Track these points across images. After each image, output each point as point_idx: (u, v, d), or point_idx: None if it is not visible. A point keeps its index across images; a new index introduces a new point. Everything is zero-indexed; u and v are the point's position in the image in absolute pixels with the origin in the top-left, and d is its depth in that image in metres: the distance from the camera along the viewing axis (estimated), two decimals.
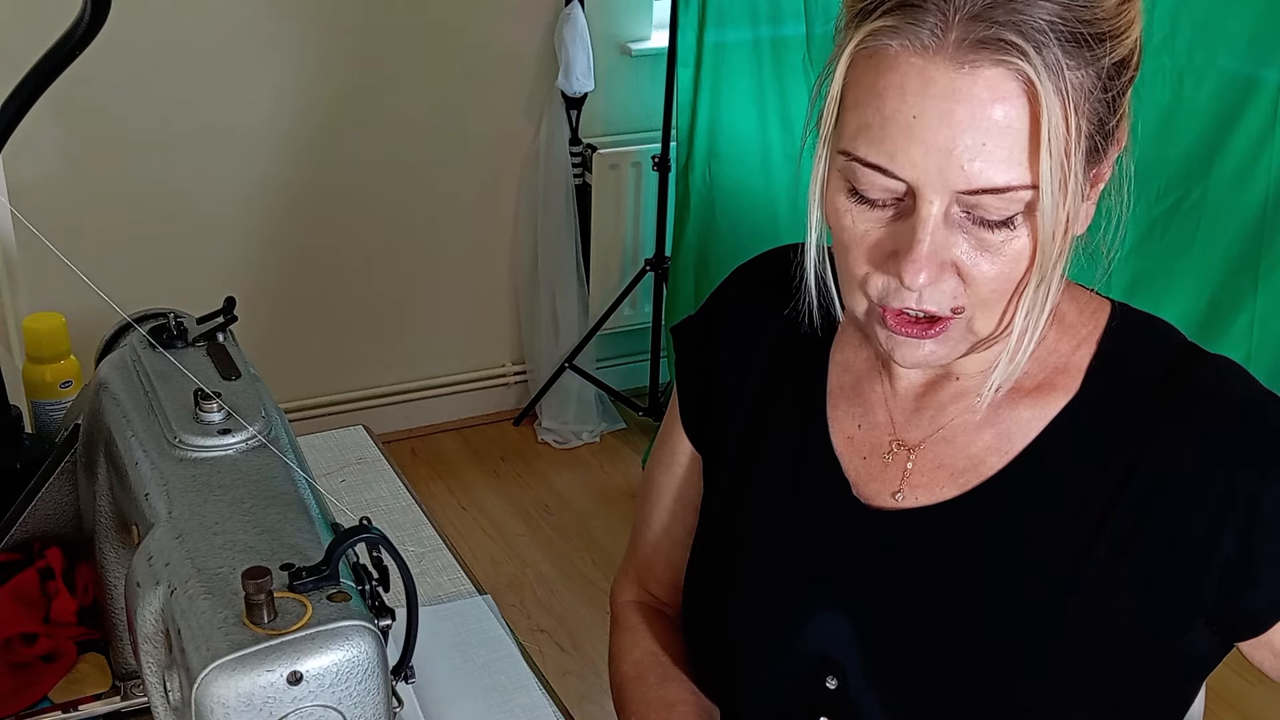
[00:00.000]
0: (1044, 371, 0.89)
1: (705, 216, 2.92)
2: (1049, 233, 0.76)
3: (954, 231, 0.78)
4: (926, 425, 0.93)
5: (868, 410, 0.96)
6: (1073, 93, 0.74)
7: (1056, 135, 0.73)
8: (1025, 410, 0.89)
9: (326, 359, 3.03)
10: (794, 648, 0.94)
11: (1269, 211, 1.82)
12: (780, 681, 0.95)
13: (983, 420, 0.90)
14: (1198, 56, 1.82)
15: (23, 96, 1.07)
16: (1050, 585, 0.86)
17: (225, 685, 0.65)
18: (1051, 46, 0.73)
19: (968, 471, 0.90)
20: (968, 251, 0.78)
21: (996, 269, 0.79)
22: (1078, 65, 0.74)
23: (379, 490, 1.40)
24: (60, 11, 1.09)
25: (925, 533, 0.91)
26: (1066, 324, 0.90)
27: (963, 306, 0.80)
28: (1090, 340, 0.89)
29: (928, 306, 0.80)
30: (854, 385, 0.97)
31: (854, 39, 0.77)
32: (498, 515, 2.91)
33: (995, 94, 0.73)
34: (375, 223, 2.97)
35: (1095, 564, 0.85)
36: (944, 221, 0.77)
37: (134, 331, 0.99)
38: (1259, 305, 1.85)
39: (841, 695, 0.92)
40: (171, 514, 0.79)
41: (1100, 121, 0.77)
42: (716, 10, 2.78)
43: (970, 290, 0.80)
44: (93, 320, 1.08)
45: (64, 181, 2.58)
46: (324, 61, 2.77)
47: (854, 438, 0.96)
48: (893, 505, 0.92)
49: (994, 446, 0.90)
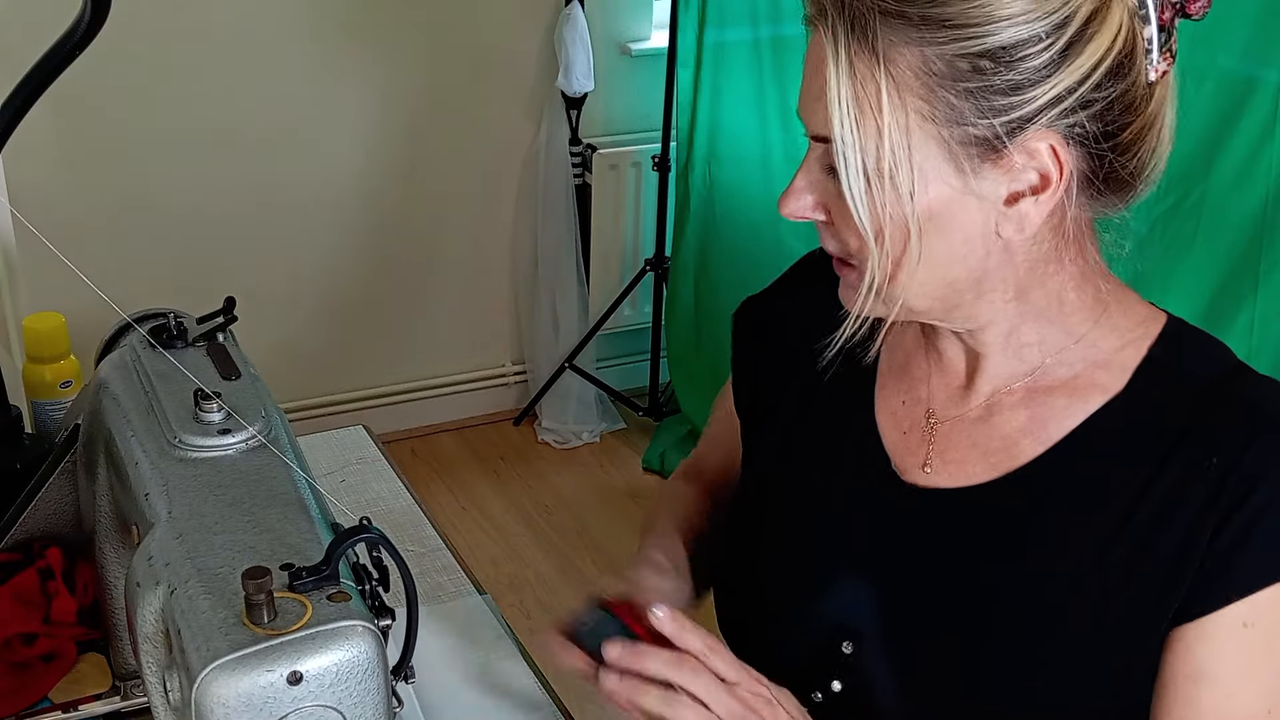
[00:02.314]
0: (1082, 364, 0.90)
1: (705, 216, 2.92)
2: (850, 185, 0.82)
3: (833, 179, 0.84)
4: (964, 402, 0.95)
5: (911, 387, 0.99)
6: (898, 63, 0.79)
7: (843, 90, 0.80)
8: (1062, 399, 0.90)
9: (326, 359, 3.03)
10: (815, 611, 0.97)
11: (1269, 211, 1.81)
12: (799, 641, 0.97)
13: (1017, 401, 0.92)
14: (1197, 57, 1.82)
15: (23, 96, 1.07)
16: (1071, 576, 0.87)
17: (225, 685, 0.65)
18: (870, 19, 0.79)
19: (1000, 453, 0.92)
20: (835, 199, 0.85)
21: (840, 217, 0.86)
22: (902, 43, 0.79)
23: (379, 490, 1.40)
24: (60, 11, 1.09)
25: (955, 513, 0.92)
26: (1109, 325, 0.91)
27: (852, 255, 0.87)
28: (1140, 343, 0.90)
29: (827, 248, 0.90)
30: (903, 363, 1.00)
31: None
32: (498, 515, 2.91)
33: (823, 55, 0.81)
34: (375, 222, 2.97)
35: (1116, 559, 0.86)
36: (822, 168, 0.85)
37: (134, 331, 0.99)
38: (1259, 305, 1.85)
39: (856, 661, 0.94)
40: (171, 514, 0.79)
41: (980, 111, 0.79)
42: (716, 10, 2.78)
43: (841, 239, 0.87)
44: (93, 320, 1.08)
45: (64, 181, 2.58)
46: (324, 62, 2.78)
47: (896, 413, 0.99)
48: (925, 481, 0.95)
49: (1028, 430, 0.91)
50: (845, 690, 0.95)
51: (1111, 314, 0.91)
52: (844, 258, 0.89)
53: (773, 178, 2.77)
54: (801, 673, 0.97)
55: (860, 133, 0.80)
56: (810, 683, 0.97)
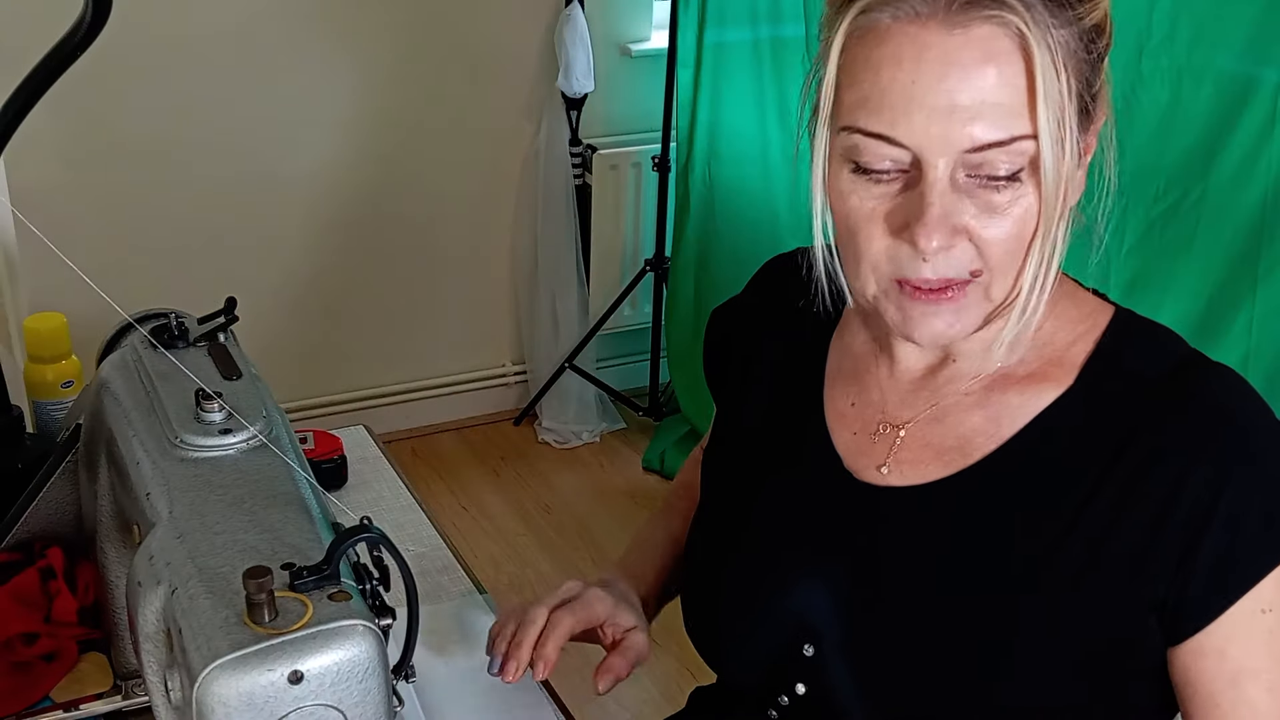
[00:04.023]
0: (1038, 361, 0.90)
1: (705, 216, 2.92)
2: (1052, 186, 0.79)
3: (962, 197, 0.80)
4: (918, 405, 0.94)
5: (862, 390, 0.98)
6: (1060, 50, 0.77)
7: (1051, 86, 0.76)
8: (1015, 396, 0.90)
9: (327, 359, 3.03)
10: (776, 613, 0.96)
11: (1268, 211, 1.81)
12: (761, 646, 0.97)
13: (973, 402, 0.92)
14: (1196, 56, 1.82)
15: (24, 97, 1.07)
16: (1027, 572, 0.87)
17: (226, 684, 0.65)
18: (1036, 3, 0.77)
19: (954, 451, 0.91)
20: (977, 215, 0.80)
21: (1005, 230, 0.80)
22: (1060, 24, 0.77)
23: (379, 490, 1.40)
24: (61, 11, 1.09)
25: (909, 511, 0.92)
26: (1065, 317, 0.91)
27: (980, 269, 0.82)
28: (1088, 337, 0.90)
29: (944, 273, 0.82)
30: (852, 367, 1.00)
31: (846, 18, 0.80)
32: (498, 515, 2.91)
33: (988, 52, 0.76)
34: (375, 223, 2.97)
35: (1071, 555, 0.86)
36: (951, 187, 0.79)
37: (135, 331, 0.99)
38: (1258, 305, 1.85)
39: (818, 663, 0.93)
40: (172, 513, 0.79)
41: (1088, 82, 0.80)
42: (716, 10, 2.78)
43: (983, 254, 0.81)
44: (94, 320, 1.08)
45: (64, 182, 2.59)
46: (324, 62, 2.78)
47: (846, 414, 0.98)
48: (880, 481, 0.94)
49: (982, 429, 0.91)
50: (809, 693, 0.94)
51: (1066, 308, 0.91)
52: (958, 278, 0.83)
53: (772, 178, 2.77)
54: (765, 676, 0.97)
55: (1062, 127, 0.78)
56: (774, 686, 0.96)
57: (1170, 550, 0.83)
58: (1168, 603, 0.84)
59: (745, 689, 1.01)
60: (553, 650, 0.98)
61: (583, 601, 1.02)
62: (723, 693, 1.10)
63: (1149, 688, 0.89)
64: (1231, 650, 0.84)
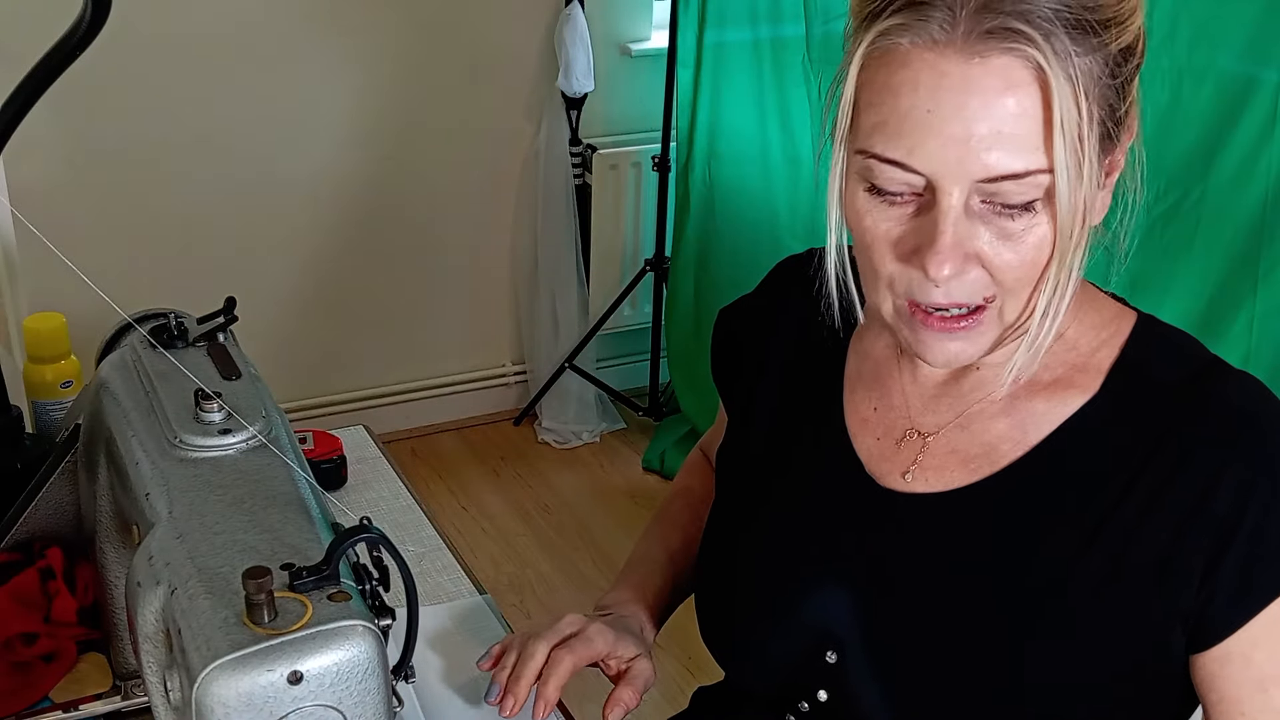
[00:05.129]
0: (1062, 367, 0.90)
1: (705, 216, 2.92)
2: (1067, 217, 0.78)
3: (975, 223, 0.79)
4: (944, 412, 0.94)
5: (884, 395, 0.98)
6: (1082, 78, 0.76)
7: (1069, 118, 0.75)
8: (1041, 403, 0.90)
9: (326, 359, 3.03)
10: (797, 619, 0.95)
11: (1268, 211, 1.81)
12: (782, 652, 0.96)
13: (998, 409, 0.91)
14: (1197, 57, 1.82)
15: (23, 97, 1.07)
16: (1052, 579, 0.87)
17: (226, 685, 0.65)
18: (1058, 33, 0.75)
19: (980, 459, 0.91)
20: (990, 242, 0.80)
21: (1019, 257, 0.80)
22: (1084, 52, 0.76)
23: (379, 490, 1.40)
24: (60, 11, 1.09)
25: (933, 517, 0.92)
26: (1088, 324, 0.91)
27: (994, 295, 0.82)
28: (1113, 343, 0.90)
29: (957, 299, 0.82)
30: (873, 372, 0.99)
31: (864, 40, 0.79)
32: (498, 515, 2.91)
33: (1007, 82, 0.75)
34: (375, 222, 2.97)
35: (1096, 561, 0.85)
36: (965, 213, 0.79)
37: (134, 331, 0.99)
38: (1258, 305, 1.85)
39: (840, 670, 0.93)
40: (172, 514, 0.79)
41: (1111, 108, 0.79)
42: (716, 10, 2.78)
43: (997, 280, 0.81)
44: (93, 320, 1.08)
45: (64, 182, 2.58)
46: (324, 62, 2.78)
47: (868, 420, 0.97)
48: (903, 487, 0.94)
49: (1008, 436, 0.90)
50: (831, 700, 0.94)
51: (1088, 314, 0.91)
52: (970, 304, 0.83)
53: (772, 178, 2.77)
54: (786, 683, 0.96)
55: (1081, 157, 0.76)
56: (796, 693, 0.96)
57: (1195, 559, 0.83)
58: (1192, 613, 0.84)
59: (760, 693, 1.01)
60: (553, 691, 0.99)
61: (583, 639, 1.02)
62: (727, 693, 1.10)
63: (1171, 692, 0.89)
64: (1257, 656, 0.84)
